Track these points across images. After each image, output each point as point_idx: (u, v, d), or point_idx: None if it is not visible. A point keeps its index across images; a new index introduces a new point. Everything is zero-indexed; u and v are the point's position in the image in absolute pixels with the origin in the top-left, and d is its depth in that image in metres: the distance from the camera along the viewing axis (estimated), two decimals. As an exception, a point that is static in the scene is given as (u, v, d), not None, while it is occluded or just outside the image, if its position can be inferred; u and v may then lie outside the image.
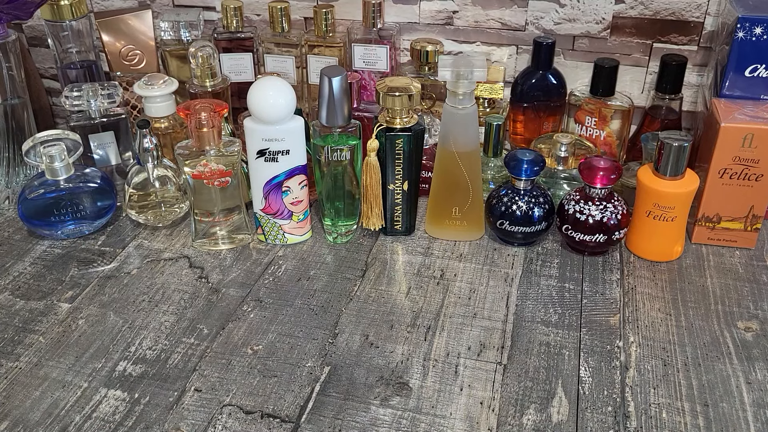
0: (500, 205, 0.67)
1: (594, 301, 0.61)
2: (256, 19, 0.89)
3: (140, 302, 0.62)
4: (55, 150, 0.68)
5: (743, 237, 0.68)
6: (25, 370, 0.55)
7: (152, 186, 0.71)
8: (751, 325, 0.59)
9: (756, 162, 0.63)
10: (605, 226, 0.64)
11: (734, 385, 0.53)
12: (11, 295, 0.63)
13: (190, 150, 0.65)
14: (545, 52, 0.77)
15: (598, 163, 0.64)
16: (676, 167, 0.62)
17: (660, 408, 0.51)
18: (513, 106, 0.81)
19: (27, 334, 0.59)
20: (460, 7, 0.82)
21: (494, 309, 0.61)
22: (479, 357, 0.55)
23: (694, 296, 0.62)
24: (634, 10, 0.77)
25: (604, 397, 0.52)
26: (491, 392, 0.52)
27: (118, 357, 0.56)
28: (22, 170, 0.79)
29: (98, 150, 0.78)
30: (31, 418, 0.50)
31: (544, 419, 0.50)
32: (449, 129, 0.65)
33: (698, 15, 0.76)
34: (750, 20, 0.64)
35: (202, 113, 0.63)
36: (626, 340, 0.57)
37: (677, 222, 0.64)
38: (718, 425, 0.49)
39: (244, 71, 0.85)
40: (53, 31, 0.81)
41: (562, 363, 0.55)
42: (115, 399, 0.52)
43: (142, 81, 0.75)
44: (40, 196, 0.69)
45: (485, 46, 0.84)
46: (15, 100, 0.77)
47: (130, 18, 0.85)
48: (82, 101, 0.75)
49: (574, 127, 0.78)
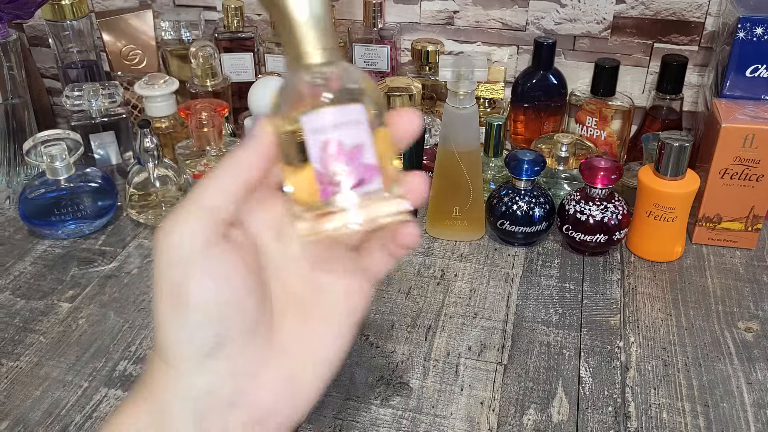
0: (501, 205, 0.67)
1: (594, 302, 0.61)
2: (257, 19, 0.89)
3: (141, 302, 0.62)
4: (56, 150, 0.68)
5: (744, 237, 0.67)
6: (26, 369, 0.55)
7: (153, 186, 0.71)
8: (752, 325, 0.59)
9: (757, 162, 0.63)
10: (606, 226, 0.64)
11: (735, 385, 0.53)
12: (12, 294, 0.63)
13: (191, 150, 0.65)
14: (546, 52, 0.77)
15: (598, 164, 0.64)
16: (677, 167, 0.62)
17: (660, 408, 0.51)
18: (514, 106, 0.81)
19: (27, 333, 0.59)
20: (461, 7, 0.82)
21: (495, 309, 0.61)
22: (480, 357, 0.55)
23: (695, 296, 0.62)
24: (634, 10, 0.77)
25: (605, 398, 0.52)
26: (492, 392, 0.52)
27: (118, 357, 0.56)
28: (23, 170, 0.79)
29: (99, 150, 0.78)
30: (31, 418, 0.50)
31: (545, 419, 0.50)
32: (450, 129, 0.65)
33: (699, 15, 0.76)
34: (751, 20, 0.64)
35: (202, 113, 0.63)
36: (627, 341, 0.57)
37: (678, 222, 0.64)
38: (719, 426, 0.49)
39: (244, 71, 0.85)
40: (54, 30, 0.81)
41: (563, 363, 0.55)
42: (116, 399, 0.52)
43: (143, 81, 0.75)
44: (41, 196, 0.69)
45: (486, 46, 0.84)
46: (16, 99, 0.77)
47: (131, 18, 0.85)
48: (82, 101, 0.75)
49: (575, 128, 0.78)
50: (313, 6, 0.31)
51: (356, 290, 0.36)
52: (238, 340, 0.32)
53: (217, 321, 0.31)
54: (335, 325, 0.36)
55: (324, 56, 0.32)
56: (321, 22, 0.32)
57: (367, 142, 0.31)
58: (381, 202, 0.31)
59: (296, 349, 0.34)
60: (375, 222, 0.31)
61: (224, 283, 0.31)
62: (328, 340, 0.35)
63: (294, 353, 0.34)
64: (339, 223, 0.31)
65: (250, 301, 0.33)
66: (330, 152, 0.30)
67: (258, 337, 0.33)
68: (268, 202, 0.35)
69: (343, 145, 0.31)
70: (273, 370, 0.33)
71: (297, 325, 0.35)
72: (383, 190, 0.31)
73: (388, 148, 0.33)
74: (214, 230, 0.31)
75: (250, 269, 0.33)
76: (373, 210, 0.31)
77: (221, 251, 0.32)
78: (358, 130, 0.31)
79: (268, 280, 0.35)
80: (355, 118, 0.31)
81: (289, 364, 0.34)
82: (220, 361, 0.32)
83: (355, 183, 0.31)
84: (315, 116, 0.31)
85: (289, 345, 0.34)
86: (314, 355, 0.35)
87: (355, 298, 0.36)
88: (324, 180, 0.31)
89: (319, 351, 0.35)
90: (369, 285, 0.37)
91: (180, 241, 0.31)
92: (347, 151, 0.31)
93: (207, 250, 0.31)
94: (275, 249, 0.36)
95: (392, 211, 0.32)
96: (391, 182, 0.32)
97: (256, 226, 0.35)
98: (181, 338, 0.31)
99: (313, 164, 0.31)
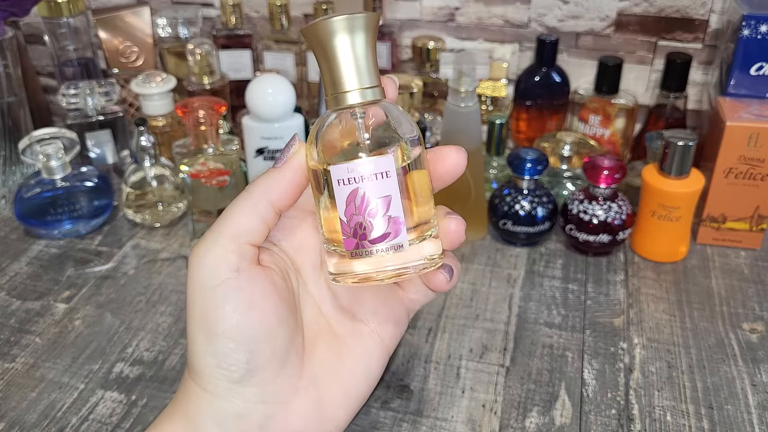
0: (503, 205, 0.66)
1: (598, 303, 0.61)
2: (256, 16, 0.89)
3: (137, 303, 0.61)
4: (52, 148, 0.67)
5: (748, 237, 0.67)
6: (21, 371, 0.54)
7: (150, 185, 0.70)
8: (757, 326, 0.58)
9: (762, 161, 0.62)
10: (609, 226, 0.63)
11: (739, 387, 0.52)
12: (7, 295, 0.63)
13: (188, 149, 0.64)
14: (549, 50, 0.76)
15: (602, 163, 0.63)
16: (681, 167, 0.61)
17: (664, 410, 0.50)
18: (516, 105, 0.80)
19: (23, 334, 0.58)
20: (462, 4, 0.81)
21: (496, 310, 0.60)
22: (481, 359, 0.55)
23: (699, 297, 0.61)
24: (638, 8, 0.76)
25: (608, 400, 0.51)
26: (493, 395, 0.51)
27: (115, 358, 0.55)
28: (19, 169, 0.79)
29: (95, 148, 0.77)
30: (27, 420, 0.50)
31: (547, 422, 0.49)
32: (451, 127, 0.64)
33: (703, 13, 0.75)
34: (755, 18, 0.63)
35: (200, 111, 0.62)
36: (630, 342, 0.56)
37: (682, 222, 0.63)
38: (723, 428, 0.49)
39: (242, 69, 0.84)
40: (50, 28, 0.80)
41: (566, 365, 0.54)
42: (112, 401, 0.51)
43: (140, 78, 0.75)
44: (37, 195, 0.68)
45: (488, 43, 0.83)
46: (11, 97, 0.76)
47: (128, 15, 0.84)
48: (79, 99, 0.74)
49: (578, 126, 0.78)
50: (356, 47, 0.30)
51: (389, 325, 0.36)
52: (269, 368, 0.32)
53: (247, 349, 0.31)
54: (367, 359, 0.36)
55: (362, 97, 0.31)
56: (362, 63, 0.31)
57: (395, 194, 0.30)
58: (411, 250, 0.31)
59: (327, 380, 0.34)
60: (405, 268, 0.31)
61: (254, 312, 0.31)
62: (359, 374, 0.35)
63: (325, 384, 0.34)
64: (368, 268, 0.31)
65: (281, 329, 0.32)
66: (356, 204, 0.30)
67: (289, 366, 0.33)
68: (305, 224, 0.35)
69: (369, 198, 0.30)
70: (303, 399, 0.33)
71: (328, 357, 0.35)
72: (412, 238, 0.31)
73: (423, 191, 0.32)
74: (244, 256, 0.31)
75: (283, 297, 0.33)
76: (402, 258, 0.31)
77: (252, 278, 0.31)
78: (386, 181, 0.30)
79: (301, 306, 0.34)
80: (383, 169, 0.30)
81: (319, 394, 0.34)
82: (250, 387, 0.32)
83: (380, 236, 0.30)
84: (343, 167, 0.30)
85: (319, 375, 0.34)
86: (344, 386, 0.35)
87: (388, 333, 0.36)
88: (347, 232, 0.31)
89: (349, 383, 0.35)
90: (403, 320, 0.37)
91: (210, 268, 0.31)
92: (373, 204, 0.30)
93: (237, 277, 0.31)
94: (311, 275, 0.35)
95: (424, 256, 0.31)
96: (425, 227, 0.32)
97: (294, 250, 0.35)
98: (211, 363, 0.31)
99: (339, 215, 0.31)
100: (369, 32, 0.30)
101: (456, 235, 0.33)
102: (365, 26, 0.30)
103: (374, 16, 0.31)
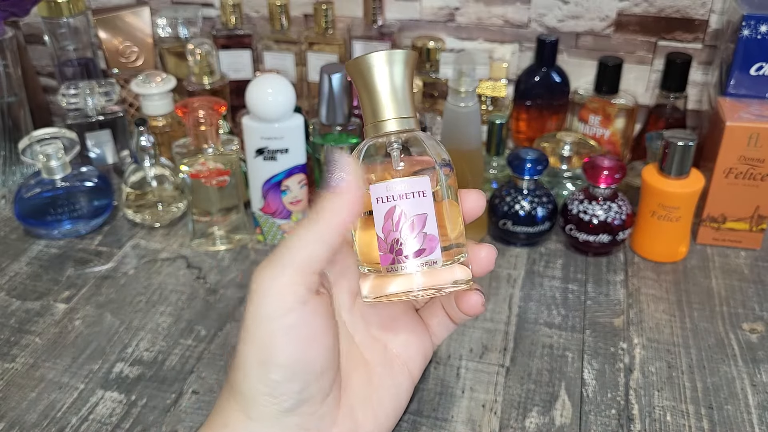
0: (503, 205, 0.66)
1: (598, 303, 0.61)
2: (256, 16, 0.89)
3: (137, 303, 0.61)
4: (52, 148, 0.67)
5: (748, 238, 0.67)
6: (21, 371, 0.54)
7: (149, 185, 0.70)
8: (757, 326, 0.58)
9: (762, 161, 0.62)
10: (609, 226, 0.63)
11: (739, 387, 0.52)
12: (7, 295, 0.63)
13: (188, 149, 0.64)
14: (549, 50, 0.76)
15: (602, 163, 0.63)
16: (681, 167, 0.61)
17: (664, 411, 0.50)
18: (516, 105, 0.80)
19: (23, 334, 0.58)
20: (462, 4, 0.81)
21: (496, 310, 0.60)
22: (481, 359, 0.55)
23: (699, 297, 0.61)
24: (638, 8, 0.76)
25: (608, 400, 0.51)
26: (493, 395, 0.51)
27: (114, 358, 0.55)
28: (19, 169, 0.79)
29: (95, 148, 0.77)
30: (27, 420, 0.50)
31: (547, 422, 0.49)
32: (451, 127, 0.64)
33: (703, 13, 0.75)
34: (755, 18, 0.63)
35: (200, 111, 0.62)
36: (630, 342, 0.56)
37: (682, 222, 0.63)
38: (723, 428, 0.49)
39: (242, 69, 0.84)
40: (50, 28, 0.80)
41: (566, 365, 0.54)
42: (112, 401, 0.51)
43: (140, 79, 0.75)
44: (37, 195, 0.68)
45: (488, 43, 0.83)
46: (11, 98, 0.76)
47: (128, 15, 0.84)
48: (79, 99, 0.74)
49: (578, 126, 0.78)
50: (394, 77, 0.33)
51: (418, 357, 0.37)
52: (317, 398, 0.32)
53: (303, 379, 0.31)
54: (396, 390, 0.36)
55: (398, 126, 0.33)
56: (400, 92, 0.33)
57: (430, 212, 0.32)
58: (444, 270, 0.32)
59: (361, 410, 0.35)
60: (436, 289, 0.32)
61: (317, 344, 0.32)
62: (388, 404, 0.36)
63: (359, 414, 0.35)
64: (401, 288, 0.32)
65: (335, 361, 0.33)
66: (393, 221, 0.32)
67: (331, 396, 0.33)
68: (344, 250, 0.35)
69: (406, 216, 0.32)
70: (340, 429, 0.34)
71: (362, 387, 0.35)
72: (444, 260, 0.32)
73: (455, 217, 0.34)
74: (310, 288, 0.31)
75: (334, 331, 0.33)
76: (435, 277, 0.32)
77: (315, 310, 0.31)
78: (421, 200, 0.32)
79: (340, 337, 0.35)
80: (419, 189, 0.32)
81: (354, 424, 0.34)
82: (295, 416, 0.32)
83: (416, 252, 0.32)
84: (382, 185, 0.32)
85: (355, 405, 0.35)
86: (376, 416, 0.35)
87: (416, 365, 0.37)
88: (384, 248, 0.32)
89: (380, 413, 0.35)
90: (429, 352, 0.38)
91: (276, 298, 0.31)
92: (409, 221, 0.32)
93: (302, 309, 0.31)
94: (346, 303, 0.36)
95: (454, 279, 0.33)
96: (456, 251, 0.33)
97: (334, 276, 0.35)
98: (263, 390, 0.32)
99: (376, 231, 0.32)
100: (407, 67, 0.33)
101: (487, 261, 0.34)
102: (404, 61, 0.33)
103: (413, 54, 0.33)
